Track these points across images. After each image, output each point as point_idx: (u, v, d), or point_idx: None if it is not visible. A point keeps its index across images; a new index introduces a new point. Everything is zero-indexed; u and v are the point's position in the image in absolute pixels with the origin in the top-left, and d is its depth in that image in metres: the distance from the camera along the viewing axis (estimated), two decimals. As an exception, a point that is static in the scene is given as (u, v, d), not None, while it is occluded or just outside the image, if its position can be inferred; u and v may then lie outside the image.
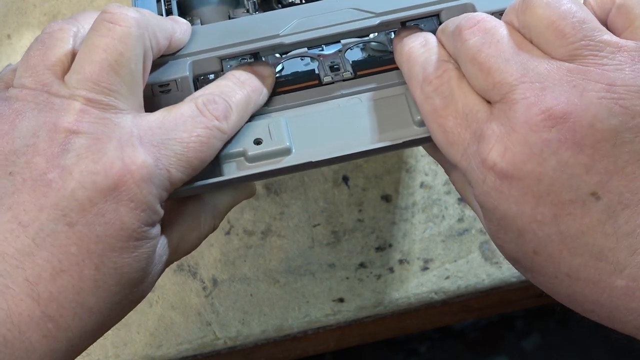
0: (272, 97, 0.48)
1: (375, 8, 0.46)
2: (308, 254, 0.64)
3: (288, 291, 0.64)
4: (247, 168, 0.44)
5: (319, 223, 0.65)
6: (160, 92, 0.45)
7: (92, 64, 0.39)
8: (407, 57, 0.43)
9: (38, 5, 0.71)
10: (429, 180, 0.65)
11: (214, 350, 0.64)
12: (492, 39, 0.39)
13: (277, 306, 0.64)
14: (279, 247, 0.64)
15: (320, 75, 0.48)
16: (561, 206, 0.37)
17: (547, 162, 0.36)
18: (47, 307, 0.37)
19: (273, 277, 0.64)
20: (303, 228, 0.64)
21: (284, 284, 0.64)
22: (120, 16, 0.40)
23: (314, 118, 0.46)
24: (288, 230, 0.65)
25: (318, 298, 0.64)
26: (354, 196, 0.65)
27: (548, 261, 0.38)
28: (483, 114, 0.39)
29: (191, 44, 0.46)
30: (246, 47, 0.45)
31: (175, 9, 0.52)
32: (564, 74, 0.37)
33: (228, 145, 0.44)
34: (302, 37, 0.45)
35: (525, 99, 0.37)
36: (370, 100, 0.46)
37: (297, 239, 0.64)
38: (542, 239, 0.37)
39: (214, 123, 0.42)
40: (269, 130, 0.45)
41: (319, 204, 0.65)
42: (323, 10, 0.46)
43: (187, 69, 0.45)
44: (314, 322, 0.63)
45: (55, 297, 0.37)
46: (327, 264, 0.64)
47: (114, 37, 0.39)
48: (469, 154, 0.39)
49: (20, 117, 0.39)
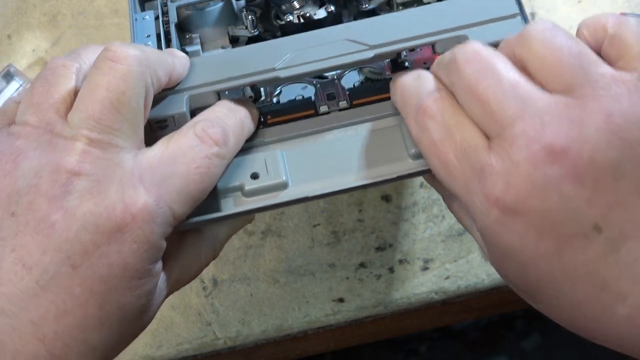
0: (269, 128, 0.48)
1: (369, 40, 0.46)
2: (308, 254, 0.64)
3: (288, 291, 0.64)
4: (245, 203, 0.45)
5: (319, 223, 0.65)
6: (159, 128, 0.45)
7: (94, 103, 0.39)
8: (401, 90, 0.43)
9: (38, 5, 0.71)
10: (429, 180, 0.65)
11: (214, 350, 0.64)
12: (489, 70, 0.39)
13: (277, 306, 0.64)
14: (279, 247, 0.64)
15: (316, 105, 0.49)
16: (564, 240, 0.37)
17: (550, 198, 0.36)
18: (52, 346, 0.38)
19: (273, 277, 0.64)
20: (303, 228, 0.65)
21: (284, 284, 0.64)
22: (121, 54, 0.40)
23: (310, 151, 0.47)
24: (288, 230, 0.65)
25: (318, 298, 0.64)
26: (354, 196, 0.65)
27: (552, 292, 0.38)
28: (482, 148, 0.38)
29: (188, 78, 0.46)
30: (242, 81, 0.46)
31: (174, 31, 0.53)
32: (562, 108, 0.37)
33: (226, 180, 0.45)
34: (297, 71, 0.46)
35: (525, 134, 0.37)
36: (366, 132, 0.47)
37: (297, 239, 0.64)
38: (545, 271, 0.38)
39: (213, 150, 0.42)
40: (266, 165, 0.46)
41: (319, 204, 0.65)
42: (318, 41, 0.46)
43: (184, 105, 0.45)
44: (314, 322, 0.63)
45: (60, 336, 0.38)
46: (327, 264, 0.64)
47: (115, 75, 0.40)
48: (471, 188, 0.39)
49: (23, 156, 0.39)
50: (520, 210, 0.37)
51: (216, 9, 0.56)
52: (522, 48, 0.39)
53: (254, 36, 0.56)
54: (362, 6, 0.56)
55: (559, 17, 0.67)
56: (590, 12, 0.67)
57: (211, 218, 0.44)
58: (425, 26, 0.46)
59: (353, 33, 0.46)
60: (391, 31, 0.46)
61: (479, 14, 0.46)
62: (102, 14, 0.71)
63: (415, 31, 0.46)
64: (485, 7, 0.46)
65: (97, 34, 0.70)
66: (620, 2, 0.67)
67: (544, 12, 0.67)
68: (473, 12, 0.46)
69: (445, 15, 0.46)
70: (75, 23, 0.71)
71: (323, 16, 0.55)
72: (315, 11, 0.56)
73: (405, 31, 0.46)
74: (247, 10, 0.56)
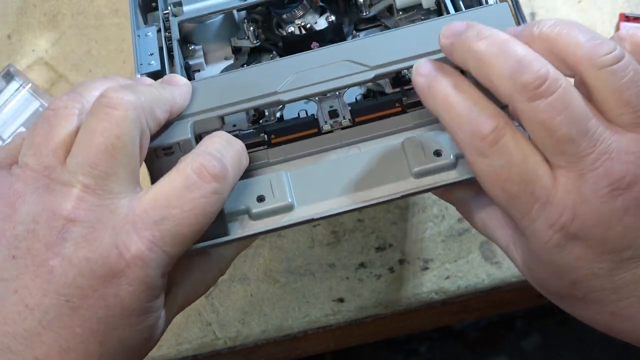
0: (273, 148, 0.49)
1: (369, 60, 0.46)
2: (308, 254, 0.64)
3: (288, 291, 0.64)
4: (251, 226, 0.46)
5: (318, 223, 0.65)
6: (165, 155, 0.46)
7: (90, 149, 0.40)
8: (446, 106, 0.41)
9: (38, 5, 0.71)
10: (429, 180, 0.65)
11: (214, 350, 0.64)
12: (562, 104, 0.38)
13: (277, 306, 0.64)
14: (279, 247, 0.64)
15: (319, 123, 0.49)
16: (619, 262, 0.40)
17: (614, 228, 0.39)
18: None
19: (273, 277, 0.64)
20: (303, 228, 0.65)
21: (284, 284, 0.64)
22: (116, 100, 0.41)
23: (315, 172, 0.47)
24: (288, 230, 0.65)
25: (318, 298, 0.64)
26: (354, 196, 0.65)
27: (594, 303, 0.42)
28: (548, 179, 0.39)
29: (192, 103, 0.46)
30: (245, 105, 0.46)
31: (177, 48, 0.53)
32: (630, 144, 0.39)
33: (233, 203, 0.46)
34: (299, 94, 0.46)
35: (595, 171, 0.39)
36: (369, 151, 0.47)
37: (297, 239, 0.64)
38: (595, 287, 0.41)
39: (210, 188, 0.41)
40: (271, 187, 0.46)
41: (319, 204, 0.65)
42: (318, 62, 0.47)
43: (188, 131, 0.45)
44: (314, 322, 0.63)
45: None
46: (327, 264, 0.64)
47: (110, 121, 0.40)
48: (533, 216, 0.40)
49: (21, 201, 0.40)
50: (582, 237, 0.40)
51: (217, 20, 0.56)
52: (590, 75, 0.39)
53: (256, 47, 0.56)
54: (362, 13, 0.56)
55: (558, 17, 0.67)
56: (590, 12, 0.67)
57: (219, 242, 0.45)
58: (424, 45, 0.46)
59: (353, 53, 0.47)
60: (390, 50, 0.46)
61: None
62: (102, 14, 0.71)
63: (414, 50, 0.46)
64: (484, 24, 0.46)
65: (97, 34, 0.70)
66: (621, 2, 0.67)
67: (544, 12, 0.67)
68: None
69: None
70: (75, 23, 0.71)
71: (324, 27, 0.55)
72: (316, 19, 0.56)
73: (404, 50, 0.46)
74: (249, 22, 0.56)
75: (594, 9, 0.67)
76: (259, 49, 0.56)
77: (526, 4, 0.67)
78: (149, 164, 0.46)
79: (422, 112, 0.48)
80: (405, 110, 0.49)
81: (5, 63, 0.68)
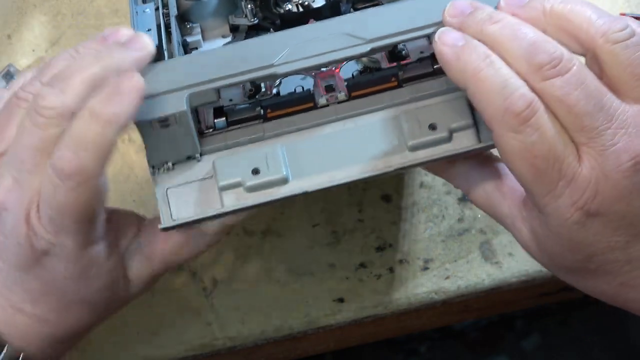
0: (269, 122, 0.49)
1: (365, 33, 0.46)
2: (308, 254, 0.64)
3: (288, 291, 0.64)
4: (246, 198, 0.46)
5: (318, 223, 0.65)
6: (160, 127, 0.46)
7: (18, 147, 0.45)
8: (476, 80, 0.41)
9: (38, 5, 0.71)
10: (428, 180, 0.65)
11: (214, 350, 0.64)
12: (577, 81, 0.40)
13: (277, 306, 0.64)
14: (278, 247, 0.64)
15: (315, 97, 0.49)
16: (635, 235, 0.42)
17: (634, 202, 0.41)
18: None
19: (273, 277, 0.64)
20: (303, 228, 0.64)
21: (284, 284, 0.64)
22: (45, 104, 0.43)
23: (310, 145, 0.47)
24: (288, 230, 0.65)
25: (318, 298, 0.64)
26: (354, 196, 0.65)
27: (606, 274, 0.43)
28: (573, 158, 0.41)
29: (189, 75, 0.47)
30: (241, 78, 0.46)
31: (174, 24, 0.53)
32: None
33: (227, 175, 0.47)
34: (295, 67, 0.46)
35: (614, 146, 0.40)
36: (364, 125, 0.48)
37: (297, 239, 0.64)
38: (609, 259, 0.42)
39: (69, 185, 0.43)
40: (266, 160, 0.47)
41: (319, 204, 0.65)
42: (314, 35, 0.47)
43: (184, 103, 0.46)
44: (314, 322, 0.63)
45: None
46: (327, 264, 0.64)
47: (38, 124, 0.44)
48: (557, 193, 0.41)
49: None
50: (603, 213, 0.41)
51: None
52: (607, 52, 0.40)
53: (253, 25, 0.56)
54: None
55: (559, 17, 0.67)
56: (590, 12, 0.67)
57: (214, 214, 0.46)
58: (421, 18, 0.46)
59: (349, 26, 0.47)
60: (387, 23, 0.46)
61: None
62: (102, 14, 0.71)
63: (411, 23, 0.46)
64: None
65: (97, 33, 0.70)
66: (621, 2, 0.67)
67: (544, 12, 0.67)
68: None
69: (441, 7, 0.46)
70: (75, 23, 0.71)
71: (321, 4, 0.55)
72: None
73: (401, 23, 0.46)
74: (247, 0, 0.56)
75: (594, 9, 0.67)
76: (256, 27, 0.57)
77: (526, 4, 0.67)
78: (146, 135, 0.46)
79: (418, 87, 0.49)
80: (401, 84, 0.49)
81: (5, 63, 0.68)
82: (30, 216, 0.44)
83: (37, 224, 0.44)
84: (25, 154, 0.43)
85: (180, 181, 0.48)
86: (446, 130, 0.46)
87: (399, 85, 0.49)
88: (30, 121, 0.43)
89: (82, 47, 0.48)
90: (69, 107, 0.43)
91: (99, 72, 0.44)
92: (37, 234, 0.44)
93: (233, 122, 0.49)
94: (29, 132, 0.43)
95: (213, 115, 0.50)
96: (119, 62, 0.45)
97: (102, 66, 0.44)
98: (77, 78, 0.43)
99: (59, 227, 0.44)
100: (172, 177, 0.48)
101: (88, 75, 0.43)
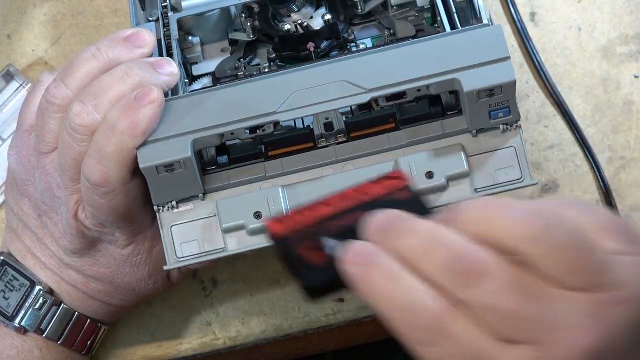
0: (270, 161, 0.51)
1: (365, 82, 0.47)
2: (308, 254, 0.64)
3: (288, 291, 0.64)
4: (249, 242, 0.49)
5: (319, 223, 0.65)
6: (166, 171, 0.48)
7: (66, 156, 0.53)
8: (387, 304, 0.38)
9: (38, 5, 0.71)
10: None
11: (214, 350, 0.64)
12: (508, 286, 0.35)
13: (277, 306, 0.64)
14: (279, 247, 0.64)
15: (315, 137, 0.51)
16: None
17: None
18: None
19: (273, 277, 0.64)
20: (303, 228, 0.64)
21: (284, 284, 0.64)
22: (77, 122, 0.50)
23: (310, 187, 0.49)
24: (288, 230, 0.64)
25: (318, 298, 0.63)
26: (354, 196, 0.65)
27: None
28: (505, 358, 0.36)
29: (192, 119, 0.48)
30: (245, 124, 0.48)
31: (176, 47, 0.54)
32: (590, 307, 0.36)
33: (230, 218, 0.49)
34: (297, 115, 0.48)
35: (561, 343, 0.35)
36: (363, 168, 0.49)
37: (297, 239, 0.64)
38: None
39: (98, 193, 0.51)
40: (268, 204, 0.49)
41: (319, 204, 0.65)
42: (316, 81, 0.48)
43: (189, 149, 0.47)
44: (314, 322, 0.63)
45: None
46: (327, 264, 0.64)
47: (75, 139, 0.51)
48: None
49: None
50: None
51: (215, 13, 0.57)
52: (535, 255, 0.36)
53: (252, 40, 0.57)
54: (357, 10, 0.57)
55: (558, 16, 0.67)
56: (590, 12, 0.67)
57: (216, 257, 0.49)
58: (419, 69, 0.47)
59: (350, 73, 0.48)
60: (386, 73, 0.48)
61: (471, 57, 0.47)
62: (102, 14, 0.71)
63: (409, 74, 0.47)
64: (477, 49, 0.47)
65: (97, 34, 0.70)
66: (621, 2, 0.67)
67: (544, 11, 0.67)
68: (465, 54, 0.47)
69: (438, 57, 0.47)
70: (75, 23, 0.71)
71: (320, 26, 0.55)
72: (311, 14, 0.56)
73: (399, 73, 0.47)
74: (246, 16, 0.56)
75: (594, 9, 0.67)
76: (255, 42, 0.57)
77: (526, 3, 0.67)
78: (151, 179, 0.48)
79: (416, 130, 0.50)
80: (398, 127, 0.50)
81: (5, 63, 0.68)
82: (78, 213, 0.52)
83: (85, 219, 0.52)
84: (67, 165, 0.50)
85: (184, 219, 0.50)
86: (443, 178, 0.48)
87: (397, 127, 0.50)
88: (68, 136, 0.49)
89: (106, 47, 0.51)
90: (99, 123, 0.49)
91: (128, 91, 0.48)
92: (87, 227, 0.52)
93: (235, 159, 0.51)
94: (68, 146, 0.50)
95: (215, 151, 0.51)
96: (149, 84, 0.49)
97: (132, 86, 0.48)
98: (108, 97, 0.48)
99: (101, 223, 0.51)
100: (176, 215, 0.50)
101: (118, 95, 0.48)
